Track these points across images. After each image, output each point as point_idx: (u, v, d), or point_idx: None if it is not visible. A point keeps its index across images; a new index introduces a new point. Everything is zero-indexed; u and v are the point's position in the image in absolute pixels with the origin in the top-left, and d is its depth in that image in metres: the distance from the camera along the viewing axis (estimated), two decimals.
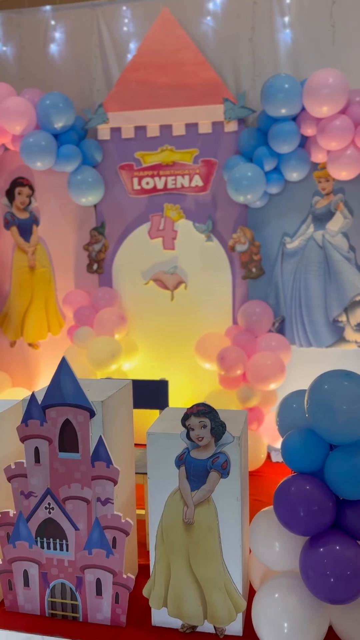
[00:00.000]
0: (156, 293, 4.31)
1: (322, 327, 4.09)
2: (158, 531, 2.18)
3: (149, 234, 4.27)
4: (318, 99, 3.45)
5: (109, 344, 3.87)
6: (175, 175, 4.18)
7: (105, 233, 4.33)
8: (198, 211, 4.19)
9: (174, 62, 4.01)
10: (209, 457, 2.10)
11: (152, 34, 4.03)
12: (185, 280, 4.27)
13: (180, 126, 4.10)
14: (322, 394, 2.04)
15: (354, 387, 2.04)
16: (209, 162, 4.11)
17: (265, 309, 4.04)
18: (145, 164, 4.20)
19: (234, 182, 3.73)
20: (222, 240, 4.18)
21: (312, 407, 2.06)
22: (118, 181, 4.25)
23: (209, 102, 4.01)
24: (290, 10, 3.99)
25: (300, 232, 4.05)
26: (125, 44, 4.27)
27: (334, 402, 2.00)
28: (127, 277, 4.34)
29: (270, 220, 4.08)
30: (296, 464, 2.12)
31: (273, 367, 3.77)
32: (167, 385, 3.12)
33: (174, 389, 4.25)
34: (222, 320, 4.21)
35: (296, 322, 4.13)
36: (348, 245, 3.98)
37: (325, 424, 2.03)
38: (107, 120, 4.14)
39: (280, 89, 3.54)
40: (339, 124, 3.51)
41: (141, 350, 4.33)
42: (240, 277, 4.18)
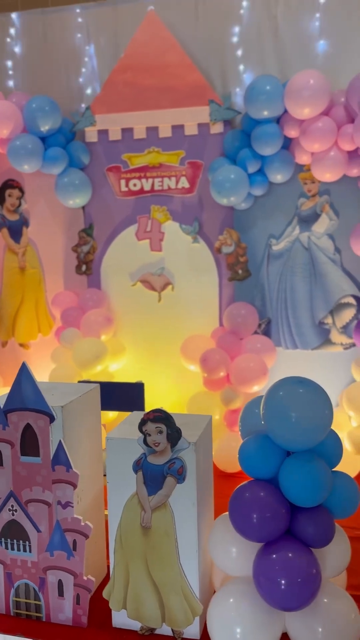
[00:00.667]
0: (144, 294, 4.34)
1: (308, 329, 4.08)
2: (117, 535, 2.21)
3: (136, 235, 4.29)
4: (299, 100, 3.43)
5: (94, 345, 3.91)
6: (161, 177, 4.19)
7: (94, 234, 4.36)
8: (184, 213, 4.20)
9: (160, 64, 4.01)
10: (165, 463, 2.12)
11: (138, 36, 4.04)
12: (172, 281, 4.29)
13: (166, 128, 4.11)
14: (276, 400, 2.05)
15: (308, 394, 2.05)
16: (195, 164, 4.12)
17: (251, 310, 4.04)
18: (132, 165, 4.22)
19: (217, 185, 3.74)
20: (209, 242, 4.19)
21: (267, 414, 2.07)
22: (106, 183, 4.28)
23: (195, 104, 4.01)
24: (277, 11, 3.97)
25: (286, 234, 4.04)
26: (114, 46, 4.28)
27: (288, 408, 2.01)
28: (115, 278, 4.37)
29: (256, 222, 4.08)
30: (252, 470, 2.13)
31: (255, 370, 3.77)
32: (143, 388, 3.15)
33: (160, 389, 4.30)
34: (208, 321, 4.23)
35: (282, 324, 4.13)
36: (334, 247, 3.96)
37: (280, 431, 2.04)
38: (94, 123, 4.17)
39: (262, 90, 3.53)
40: (321, 125, 3.49)
41: (128, 351, 4.36)
42: (226, 278, 4.18)
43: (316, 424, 2.03)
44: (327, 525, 2.07)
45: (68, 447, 2.23)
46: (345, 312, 3.99)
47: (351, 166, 3.63)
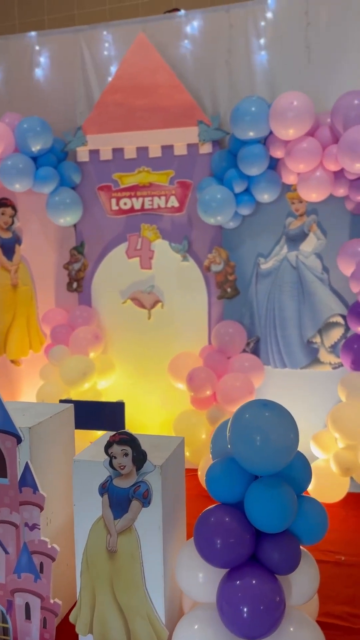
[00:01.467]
0: (134, 312, 4.36)
1: (297, 348, 4.06)
2: (83, 558, 2.21)
3: (126, 253, 4.32)
4: (284, 121, 3.46)
5: (81, 362, 3.93)
6: (152, 196, 4.22)
7: (85, 252, 4.40)
8: (174, 231, 4.23)
9: (150, 85, 4.07)
10: (131, 486, 2.12)
11: (128, 58, 4.11)
12: (162, 299, 4.30)
13: (156, 148, 4.15)
14: (242, 423, 2.05)
15: (273, 417, 2.04)
16: (185, 184, 4.15)
17: (238, 329, 4.04)
18: (123, 185, 4.26)
19: (204, 204, 3.76)
20: (198, 260, 4.20)
21: (233, 437, 2.06)
22: (97, 202, 4.33)
23: (184, 125, 4.06)
24: (265, 32, 4.01)
25: (274, 252, 4.05)
26: (107, 67, 4.35)
27: (253, 432, 2.00)
28: (105, 295, 4.40)
29: (245, 241, 4.09)
30: (218, 494, 2.12)
31: (242, 389, 3.75)
32: (124, 407, 3.15)
33: (149, 407, 4.30)
34: (197, 339, 4.23)
35: (271, 342, 4.12)
36: (321, 266, 3.95)
37: (245, 454, 2.03)
38: (85, 143, 4.23)
39: (247, 112, 3.56)
40: (306, 146, 3.50)
41: (118, 368, 4.37)
42: (215, 296, 4.19)
43: (281, 448, 2.02)
44: (293, 552, 2.05)
45: (37, 468, 2.24)
46: (333, 331, 3.97)
47: (337, 186, 3.63)
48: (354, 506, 3.64)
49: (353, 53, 3.83)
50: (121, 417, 3.11)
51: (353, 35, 3.82)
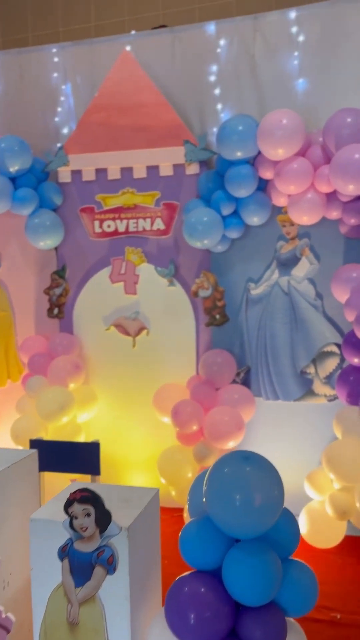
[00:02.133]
0: (117, 339, 4.13)
1: (290, 379, 3.82)
2: (41, 630, 1.95)
3: (110, 278, 4.11)
4: (272, 141, 3.27)
5: (58, 394, 3.69)
6: (136, 218, 4.03)
7: (66, 277, 4.19)
8: (160, 255, 4.02)
9: (135, 103, 3.90)
10: (94, 550, 1.87)
11: (112, 76, 3.94)
12: (148, 326, 4.08)
13: (141, 168, 3.97)
14: (220, 479, 1.81)
15: (255, 473, 1.80)
16: (171, 205, 3.95)
17: (228, 358, 3.81)
18: (107, 206, 4.07)
19: (189, 228, 3.56)
20: (185, 285, 3.99)
21: (210, 496, 1.82)
22: (79, 224, 4.13)
23: (170, 144, 3.88)
24: (254, 48, 3.85)
25: (265, 277, 3.83)
26: (90, 85, 4.19)
27: (232, 490, 1.76)
28: (88, 322, 4.18)
29: (234, 265, 3.88)
30: (193, 560, 1.86)
31: (230, 424, 3.51)
32: (98, 448, 2.90)
33: (133, 442, 4.05)
34: (185, 369, 3.99)
35: (262, 372, 3.88)
36: (315, 293, 3.74)
37: (223, 516, 1.79)
38: (67, 163, 4.04)
39: (234, 131, 3.38)
40: (296, 167, 3.31)
41: (100, 400, 4.12)
42: (203, 323, 3.97)
43: (264, 508, 1.78)
44: (278, 627, 1.79)
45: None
46: (328, 361, 3.74)
47: (330, 209, 3.43)
48: (351, 552, 3.36)
49: (345, 69, 3.67)
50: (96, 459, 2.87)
51: (345, 51, 3.65)
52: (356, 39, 3.63)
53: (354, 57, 3.64)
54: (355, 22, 3.63)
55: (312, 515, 3.38)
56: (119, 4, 4.69)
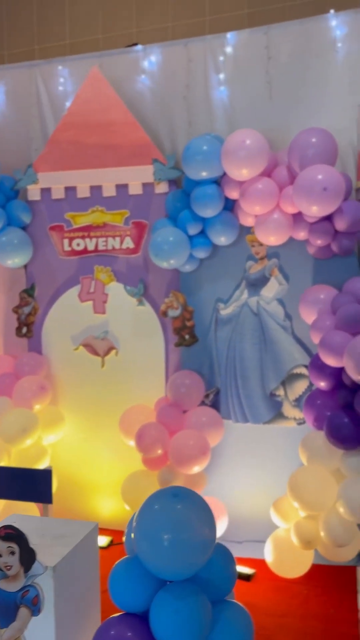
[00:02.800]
0: (86, 359, 4.06)
1: (259, 401, 3.74)
2: None
3: (79, 297, 4.05)
4: (236, 161, 3.22)
5: (21, 416, 3.61)
6: (106, 236, 3.98)
7: (35, 295, 4.13)
8: (129, 274, 3.96)
9: (104, 122, 3.87)
10: (18, 590, 1.78)
11: (82, 94, 3.92)
12: (117, 346, 4.01)
13: (110, 187, 3.92)
14: (148, 518, 1.73)
15: (185, 511, 1.72)
16: (140, 224, 3.90)
17: (196, 380, 3.73)
18: (76, 225, 4.02)
19: (155, 247, 3.51)
20: (155, 305, 3.93)
21: (138, 535, 1.74)
22: (48, 242, 4.08)
23: (139, 163, 3.84)
24: (225, 67, 3.83)
25: (234, 297, 3.77)
26: (62, 103, 4.16)
27: (159, 529, 1.68)
28: (56, 341, 4.11)
29: (203, 285, 3.82)
30: (121, 602, 1.78)
31: (195, 448, 3.42)
32: (51, 474, 2.81)
33: (100, 465, 3.97)
34: (153, 390, 3.91)
35: (231, 394, 3.80)
36: (284, 313, 3.67)
37: (151, 556, 1.71)
38: (36, 181, 4.00)
39: (199, 151, 3.34)
40: (260, 187, 3.26)
41: (68, 421, 4.04)
42: (173, 344, 3.89)
43: (194, 548, 1.70)
44: None
45: None
46: (297, 383, 3.66)
47: (297, 229, 3.38)
48: (317, 582, 3.26)
49: (315, 88, 3.64)
50: (48, 487, 2.78)
51: (315, 70, 3.63)
52: (325, 58, 3.61)
53: (323, 76, 3.61)
54: (324, 41, 3.61)
55: (277, 544, 3.28)
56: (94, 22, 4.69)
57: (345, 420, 3.01)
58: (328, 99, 3.61)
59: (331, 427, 3.05)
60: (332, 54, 3.61)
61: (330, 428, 3.05)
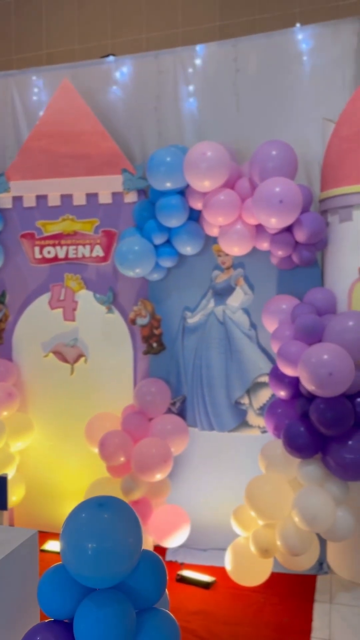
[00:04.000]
0: (56, 366, 4.09)
1: (224, 409, 3.77)
2: None
3: (49, 304, 4.09)
4: (197, 173, 3.26)
5: None
6: (76, 244, 4.02)
7: (6, 302, 4.17)
8: (99, 282, 4.00)
9: (75, 132, 3.91)
10: None
11: (53, 104, 3.96)
12: (86, 353, 4.04)
13: (80, 196, 3.97)
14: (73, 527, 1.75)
15: (109, 520, 1.74)
16: (110, 233, 3.95)
17: (162, 388, 3.76)
18: (47, 232, 4.06)
19: (120, 256, 3.55)
20: (124, 313, 3.96)
21: (63, 543, 1.76)
22: (20, 250, 4.12)
23: (109, 173, 3.88)
24: (194, 79, 3.88)
25: (200, 306, 3.80)
26: (36, 112, 4.21)
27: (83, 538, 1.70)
28: (27, 348, 4.15)
29: (171, 294, 3.86)
30: (48, 608, 1.80)
31: (157, 456, 3.44)
32: (6, 482, 2.84)
33: (67, 471, 3.99)
34: (122, 397, 3.94)
35: (197, 402, 3.83)
36: (249, 322, 3.70)
37: (75, 564, 1.73)
38: (8, 189, 4.05)
39: (162, 162, 3.38)
40: (222, 198, 3.31)
41: (37, 427, 4.07)
42: (141, 351, 3.93)
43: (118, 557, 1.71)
44: None
45: None
46: (262, 392, 3.69)
47: (260, 240, 3.42)
48: (276, 590, 3.28)
49: (281, 101, 3.69)
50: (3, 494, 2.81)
51: (282, 83, 3.69)
52: (292, 71, 3.66)
53: (289, 89, 3.67)
54: (291, 54, 3.66)
55: (237, 552, 3.30)
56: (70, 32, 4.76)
57: (301, 429, 3.04)
58: (294, 112, 3.67)
59: (288, 436, 3.08)
60: (299, 67, 3.67)
61: (287, 437, 3.08)
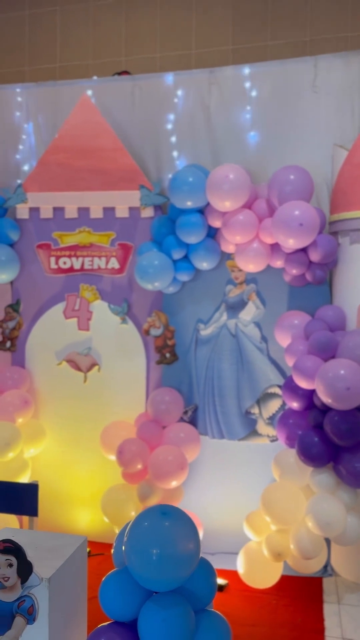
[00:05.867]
0: (69, 374, 4.18)
1: (235, 418, 3.93)
2: None
3: (64, 313, 4.18)
4: (219, 194, 3.42)
5: (5, 431, 3.70)
6: (92, 256, 4.13)
7: (21, 310, 4.25)
8: (114, 293, 4.12)
9: (93, 147, 4.02)
10: (15, 600, 1.92)
11: (72, 119, 4.07)
12: (99, 362, 4.15)
13: (97, 209, 4.08)
14: (138, 534, 1.88)
15: (172, 528, 1.88)
16: (125, 246, 4.07)
17: (175, 397, 3.90)
18: (63, 244, 4.16)
19: (140, 270, 3.67)
20: (137, 324, 4.09)
21: (128, 549, 1.89)
22: (35, 260, 4.21)
23: (126, 188, 4.00)
24: (210, 100, 4.03)
25: (213, 319, 3.96)
26: (53, 125, 4.31)
27: (149, 544, 1.84)
28: (40, 356, 4.23)
29: (185, 306, 4.00)
30: (111, 611, 1.93)
31: (174, 463, 3.58)
32: (37, 489, 2.94)
33: (80, 478, 4.08)
34: (134, 406, 4.06)
35: (209, 411, 3.98)
36: (260, 336, 3.88)
37: (140, 569, 1.86)
38: (25, 200, 4.13)
39: (185, 181, 3.53)
40: (242, 218, 3.47)
41: (50, 434, 4.16)
42: (154, 361, 4.06)
43: (180, 562, 1.86)
44: None
45: None
46: (271, 402, 3.87)
47: (274, 258, 3.60)
48: (286, 592, 3.45)
49: (294, 126, 3.88)
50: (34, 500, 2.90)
51: (294, 109, 3.87)
52: (304, 98, 3.85)
53: (301, 115, 3.86)
54: (303, 81, 3.86)
55: (249, 556, 3.46)
56: (84, 47, 4.86)
57: (315, 440, 3.23)
58: (305, 137, 3.86)
59: (302, 445, 3.26)
60: (311, 95, 3.86)
61: (301, 446, 3.26)
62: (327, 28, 4.17)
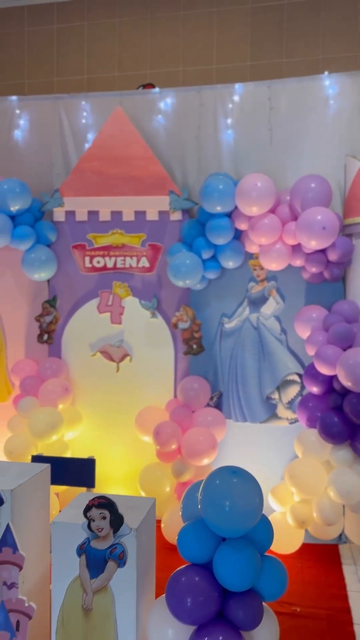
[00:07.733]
0: (102, 364, 4.53)
1: (257, 404, 4.33)
2: (59, 616, 2.33)
3: (97, 308, 4.53)
4: (248, 200, 3.80)
5: (49, 415, 4.05)
6: (124, 256, 4.48)
7: (57, 306, 4.58)
8: (144, 290, 4.48)
9: (125, 155, 4.37)
10: (107, 548, 2.28)
11: (105, 130, 4.41)
12: (131, 353, 4.51)
13: (129, 213, 4.43)
14: (212, 489, 2.25)
15: (241, 484, 2.25)
16: (155, 246, 4.43)
17: (203, 384, 4.27)
18: (97, 244, 4.50)
19: (173, 269, 4.04)
20: (166, 318, 4.45)
21: (204, 502, 2.26)
22: (71, 259, 4.54)
23: (156, 193, 4.36)
24: (232, 113, 4.41)
25: (237, 313, 4.35)
26: (84, 134, 4.64)
27: (222, 498, 2.20)
28: (75, 348, 4.57)
29: (211, 302, 4.38)
30: (188, 555, 2.30)
31: (205, 443, 3.96)
32: (94, 463, 3.29)
33: (114, 459, 4.44)
34: (163, 393, 4.43)
35: (233, 397, 4.37)
36: (280, 328, 4.27)
37: (215, 519, 2.23)
38: (62, 204, 4.46)
39: (215, 189, 3.90)
40: (267, 222, 3.86)
41: (85, 419, 4.50)
42: (181, 352, 4.43)
43: (248, 512, 2.23)
44: (256, 609, 2.24)
45: (16, 528, 2.36)
46: (290, 388, 4.27)
47: (295, 257, 3.99)
48: (308, 557, 3.86)
49: (310, 136, 4.26)
50: (91, 474, 3.25)
51: (309, 122, 4.25)
52: (319, 112, 4.24)
53: (316, 128, 4.25)
54: (318, 97, 4.24)
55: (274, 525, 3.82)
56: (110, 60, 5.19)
57: (335, 420, 3.64)
58: (320, 148, 4.25)
59: (323, 425, 3.66)
60: (325, 110, 4.25)
61: (322, 426, 3.67)
62: (338, 47, 4.57)
